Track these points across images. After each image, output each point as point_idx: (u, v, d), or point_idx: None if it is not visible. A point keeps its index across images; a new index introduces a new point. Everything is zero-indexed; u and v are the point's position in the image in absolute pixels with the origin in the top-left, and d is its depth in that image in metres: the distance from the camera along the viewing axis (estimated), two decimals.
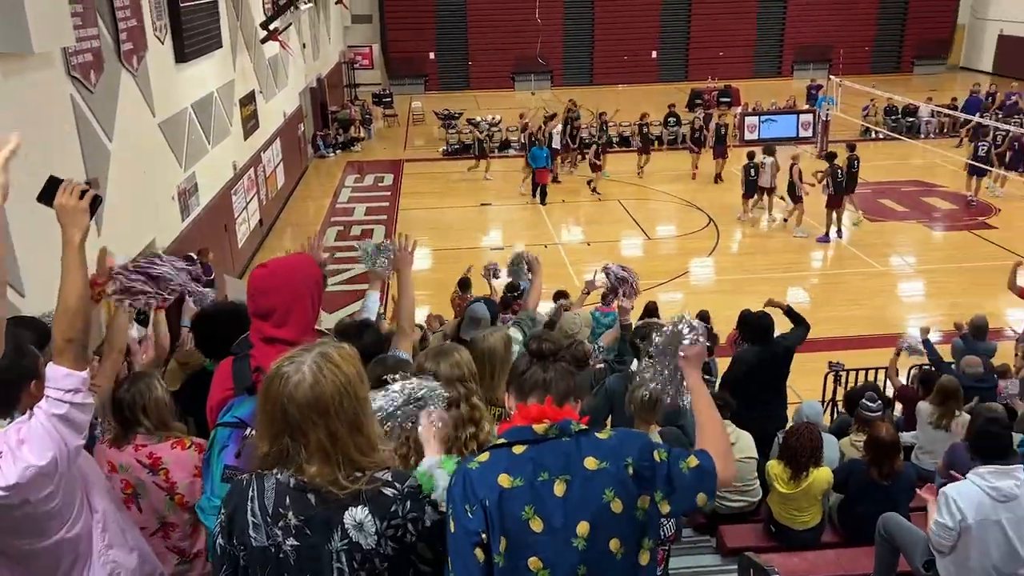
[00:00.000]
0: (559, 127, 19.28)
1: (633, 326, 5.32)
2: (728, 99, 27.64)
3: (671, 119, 22.56)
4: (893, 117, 23.79)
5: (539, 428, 2.03)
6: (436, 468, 2.07)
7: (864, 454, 5.17)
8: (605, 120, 20.53)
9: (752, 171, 16.01)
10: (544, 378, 2.15)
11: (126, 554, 2.64)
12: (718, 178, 19.04)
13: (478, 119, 24.32)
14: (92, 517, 2.53)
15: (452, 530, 1.97)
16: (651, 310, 9.02)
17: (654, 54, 34.06)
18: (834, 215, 15.16)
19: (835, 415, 8.20)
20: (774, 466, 5.15)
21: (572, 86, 32.28)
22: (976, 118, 20.08)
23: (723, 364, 7.27)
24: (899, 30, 34.59)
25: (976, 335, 8.25)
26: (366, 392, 2.02)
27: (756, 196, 16.30)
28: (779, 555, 4.86)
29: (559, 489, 1.97)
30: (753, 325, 6.39)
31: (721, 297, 11.77)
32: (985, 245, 14.80)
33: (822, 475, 5.02)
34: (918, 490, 4.48)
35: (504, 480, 1.97)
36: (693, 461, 2.09)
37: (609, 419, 5.08)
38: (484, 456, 2.05)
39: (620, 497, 1.98)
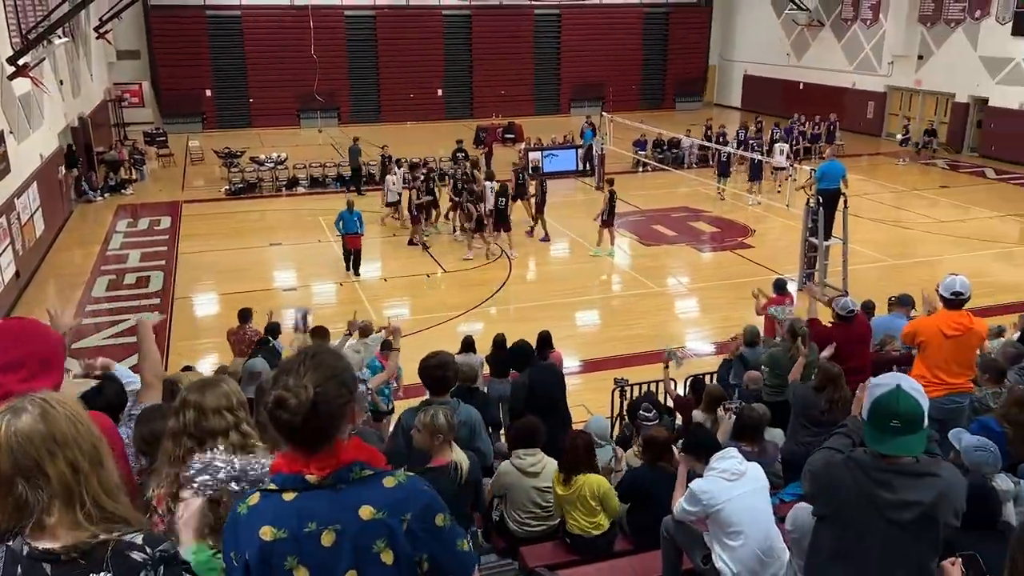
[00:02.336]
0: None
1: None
2: (512, 135, 28.77)
3: (460, 154, 23.04)
4: (660, 149, 25.81)
5: (312, 478, 1.92)
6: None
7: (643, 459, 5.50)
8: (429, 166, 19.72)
9: (612, 197, 16.36)
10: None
11: None
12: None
13: (262, 157, 23.61)
14: None
15: (224, 568, 1.94)
16: (468, 344, 9.10)
17: (440, 92, 34.80)
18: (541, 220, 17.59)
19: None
20: (555, 473, 5.37)
21: (359, 123, 32.21)
22: (724, 147, 22.41)
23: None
24: (661, 70, 37.80)
25: (750, 343, 9.03)
26: (99, 431, 1.87)
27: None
28: (574, 568, 5.03)
29: (327, 539, 1.91)
30: (515, 353, 6.65)
31: (512, 325, 12.12)
32: (745, 263, 16.36)
33: (593, 479, 5.24)
34: None
35: (266, 533, 1.89)
36: (466, 545, 2.06)
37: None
38: (254, 499, 1.96)
39: (392, 549, 1.94)
